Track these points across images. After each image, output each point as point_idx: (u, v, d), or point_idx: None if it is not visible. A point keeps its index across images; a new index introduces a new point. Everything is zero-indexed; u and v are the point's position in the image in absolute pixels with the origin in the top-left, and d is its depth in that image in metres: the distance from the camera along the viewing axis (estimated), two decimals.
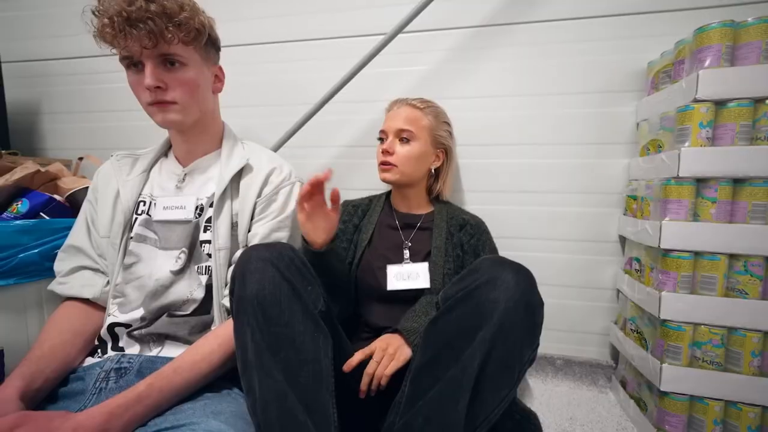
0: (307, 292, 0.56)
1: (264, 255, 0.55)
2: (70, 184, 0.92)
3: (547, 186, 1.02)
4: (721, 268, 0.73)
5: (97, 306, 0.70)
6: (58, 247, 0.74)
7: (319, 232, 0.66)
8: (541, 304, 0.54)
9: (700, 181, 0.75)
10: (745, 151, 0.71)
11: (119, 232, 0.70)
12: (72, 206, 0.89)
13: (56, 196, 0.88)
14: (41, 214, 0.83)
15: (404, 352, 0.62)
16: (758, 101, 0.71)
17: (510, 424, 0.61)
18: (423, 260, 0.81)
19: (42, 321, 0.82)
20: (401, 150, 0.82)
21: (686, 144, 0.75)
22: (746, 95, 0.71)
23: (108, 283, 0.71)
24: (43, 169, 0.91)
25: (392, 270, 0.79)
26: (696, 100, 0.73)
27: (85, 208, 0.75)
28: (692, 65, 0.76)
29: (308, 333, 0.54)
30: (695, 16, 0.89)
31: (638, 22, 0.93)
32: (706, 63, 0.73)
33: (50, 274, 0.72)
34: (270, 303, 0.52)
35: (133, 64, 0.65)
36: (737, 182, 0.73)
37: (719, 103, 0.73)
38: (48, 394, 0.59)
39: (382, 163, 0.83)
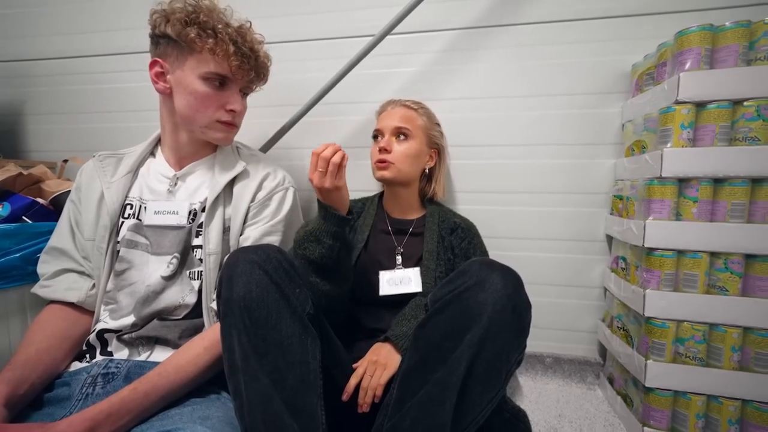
0: (295, 295, 0.56)
1: (251, 257, 0.55)
2: (54, 186, 0.91)
3: (535, 186, 1.03)
4: (702, 266, 0.75)
5: (83, 309, 0.69)
6: (42, 251, 0.72)
7: (345, 201, 0.69)
8: (528, 306, 0.55)
9: (682, 181, 0.76)
10: (724, 151, 0.73)
11: (105, 236, 0.69)
12: (56, 209, 0.87)
13: (39, 200, 0.86)
14: (24, 217, 0.82)
15: (394, 359, 0.63)
16: (736, 103, 0.73)
17: (499, 422, 0.61)
18: (415, 265, 0.81)
19: (25, 326, 0.80)
20: (399, 147, 0.82)
21: (668, 145, 0.76)
22: (725, 97, 0.73)
23: (93, 286, 0.70)
24: (25, 172, 0.89)
25: (384, 276, 0.80)
26: (677, 102, 0.75)
27: (68, 208, 0.74)
28: (673, 67, 0.78)
29: (296, 335, 0.54)
30: (676, 20, 0.91)
31: (622, 25, 0.95)
32: (687, 65, 0.75)
33: (33, 279, 0.71)
34: (257, 306, 0.52)
35: (219, 82, 0.70)
36: (717, 182, 0.75)
37: (700, 105, 0.75)
38: (33, 400, 0.58)
39: (379, 161, 0.82)
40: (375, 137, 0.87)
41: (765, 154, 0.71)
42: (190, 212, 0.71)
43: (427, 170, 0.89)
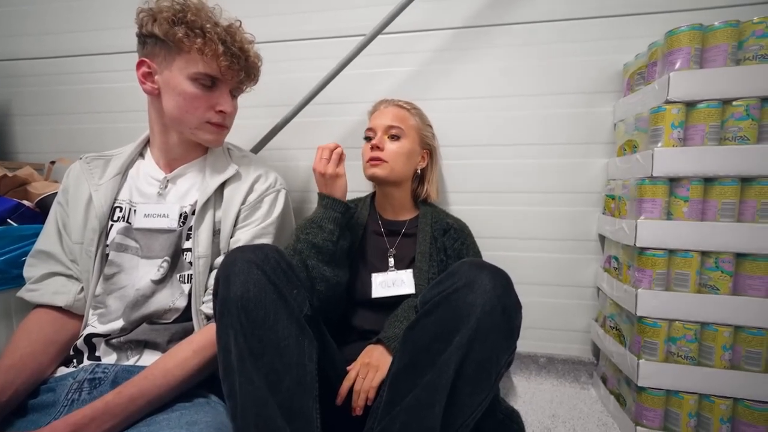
0: (293, 296, 0.56)
1: (249, 257, 0.55)
2: (40, 188, 0.89)
3: (527, 186, 1.03)
4: (693, 265, 0.75)
5: (70, 313, 0.68)
6: (27, 254, 0.71)
7: (344, 191, 0.77)
8: (518, 307, 0.55)
9: (673, 181, 0.77)
10: (714, 151, 0.73)
11: (94, 239, 0.68)
12: (42, 212, 0.86)
13: (25, 202, 0.85)
14: (9, 220, 0.80)
15: (386, 361, 0.62)
16: (726, 102, 0.73)
17: (492, 423, 0.61)
18: (408, 266, 0.81)
19: (11, 331, 0.79)
20: (391, 146, 0.82)
21: (659, 144, 0.76)
22: (714, 96, 0.73)
23: (82, 289, 0.68)
24: (10, 174, 0.88)
25: (377, 278, 0.79)
26: (668, 102, 0.75)
27: (55, 210, 0.72)
28: (664, 67, 0.78)
29: (293, 337, 0.53)
30: (667, 19, 0.92)
31: (614, 25, 0.95)
32: (677, 65, 0.75)
33: (18, 283, 0.70)
34: (254, 306, 0.52)
35: (208, 82, 0.69)
36: (708, 181, 0.75)
37: (690, 104, 0.75)
38: (17, 407, 0.57)
39: (371, 159, 0.82)
40: (367, 139, 0.87)
41: (754, 153, 0.72)
42: (180, 215, 0.70)
43: (419, 171, 0.88)
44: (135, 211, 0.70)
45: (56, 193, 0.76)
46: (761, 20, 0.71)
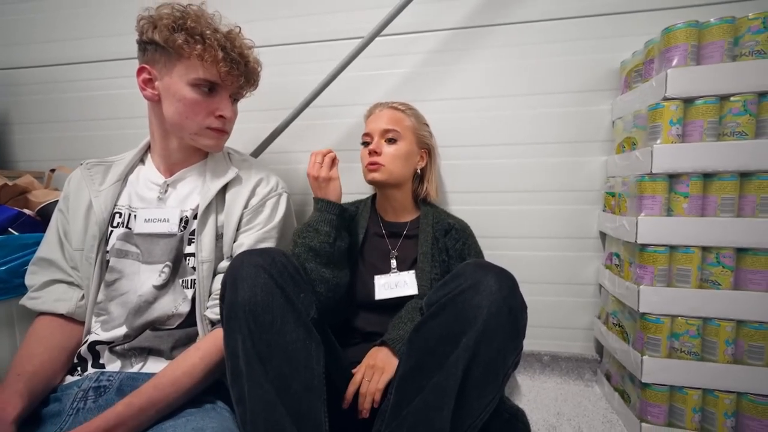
0: (300, 299, 0.56)
1: (257, 261, 0.55)
2: (41, 197, 0.89)
3: (528, 185, 1.03)
4: (694, 261, 0.75)
5: (73, 320, 0.68)
6: (28, 263, 0.71)
7: (338, 194, 0.78)
8: (524, 307, 0.55)
9: (673, 177, 0.77)
10: (713, 146, 0.74)
11: (94, 246, 0.68)
12: (43, 220, 0.86)
13: (26, 210, 0.85)
14: (10, 229, 0.80)
15: (391, 363, 0.62)
16: (723, 98, 0.74)
17: (498, 423, 0.61)
18: (410, 268, 0.81)
19: (13, 340, 0.78)
20: (389, 149, 0.82)
21: (658, 141, 0.77)
22: (712, 93, 0.73)
23: (83, 296, 0.68)
24: (11, 183, 0.88)
25: (380, 280, 0.79)
26: (665, 98, 0.75)
27: (56, 218, 0.72)
28: (661, 64, 0.79)
29: (300, 340, 0.53)
30: (663, 17, 0.92)
31: (611, 23, 0.96)
32: (674, 62, 0.76)
33: (20, 292, 0.70)
34: (262, 310, 0.52)
35: (208, 88, 0.69)
36: (707, 177, 0.76)
37: (687, 101, 0.75)
38: (30, 414, 0.57)
39: (370, 164, 0.82)
40: (365, 144, 0.87)
41: (753, 148, 0.72)
42: (181, 219, 0.70)
43: (418, 171, 0.88)
44: (135, 216, 0.70)
45: (57, 201, 0.76)
46: (756, 16, 0.72)
